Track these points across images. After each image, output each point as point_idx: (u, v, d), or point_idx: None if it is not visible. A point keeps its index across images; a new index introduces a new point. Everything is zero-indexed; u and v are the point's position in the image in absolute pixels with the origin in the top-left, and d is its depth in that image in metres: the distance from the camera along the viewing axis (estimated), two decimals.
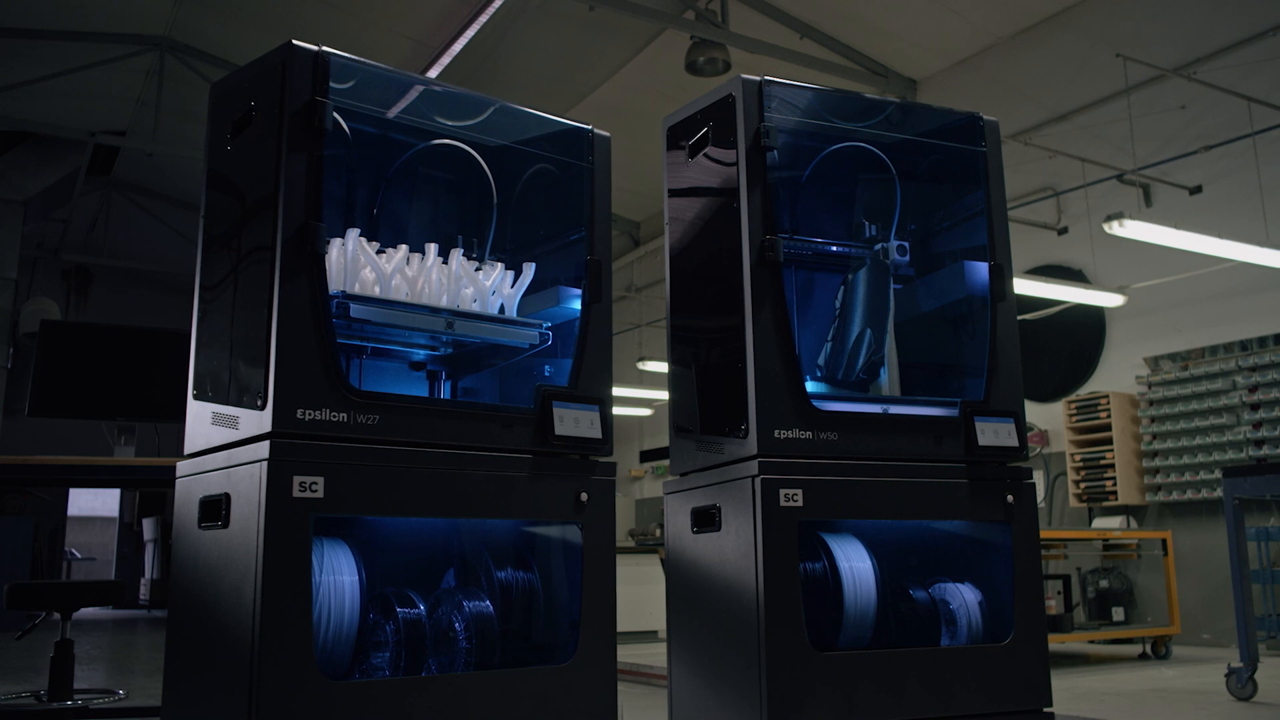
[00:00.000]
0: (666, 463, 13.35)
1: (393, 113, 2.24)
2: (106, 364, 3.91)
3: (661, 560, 9.26)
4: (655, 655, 6.66)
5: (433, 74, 9.32)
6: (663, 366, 10.05)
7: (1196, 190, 7.25)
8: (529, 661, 2.17)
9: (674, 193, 2.63)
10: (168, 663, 2.08)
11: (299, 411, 1.84)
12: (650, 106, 9.82)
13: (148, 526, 16.60)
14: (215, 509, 1.93)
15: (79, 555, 16.42)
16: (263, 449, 1.82)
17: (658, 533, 11.68)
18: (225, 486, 1.92)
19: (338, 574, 1.92)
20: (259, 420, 1.85)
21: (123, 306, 15.18)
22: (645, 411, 12.51)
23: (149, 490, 15.89)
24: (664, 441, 12.43)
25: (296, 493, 1.80)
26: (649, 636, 8.24)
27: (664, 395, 10.97)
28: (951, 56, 9.05)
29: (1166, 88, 7.39)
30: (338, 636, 1.90)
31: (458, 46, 9.03)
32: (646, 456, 12.78)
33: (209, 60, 10.08)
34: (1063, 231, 8.21)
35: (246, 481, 1.84)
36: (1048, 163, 7.89)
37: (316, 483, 1.83)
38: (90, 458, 3.50)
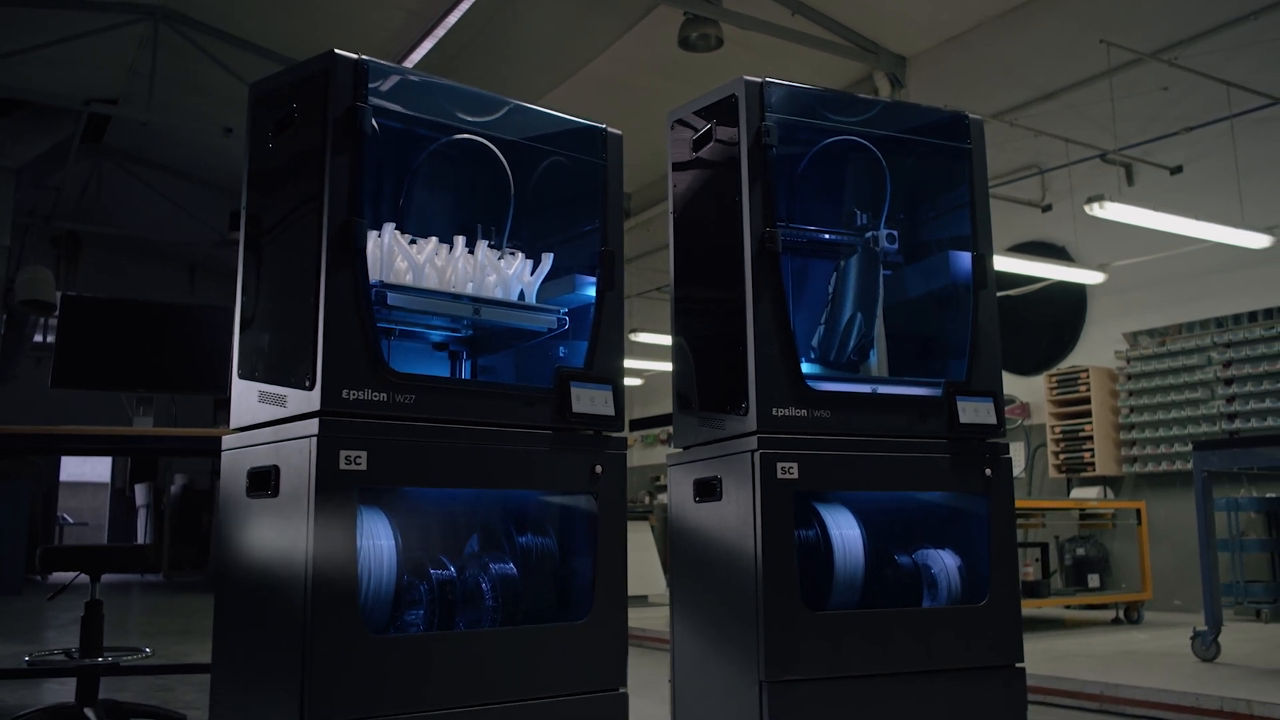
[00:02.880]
0: (657, 431, 13.40)
1: (422, 113, 2.39)
2: (126, 337, 4.05)
3: (651, 527, 9.48)
4: (646, 619, 6.88)
5: (427, 45, 9.39)
6: (654, 338, 10.22)
7: (1177, 170, 7.43)
8: (548, 619, 2.37)
9: (677, 184, 2.79)
10: (217, 618, 2.26)
11: (344, 391, 2.01)
12: (643, 81, 9.92)
13: (140, 492, 16.73)
14: (265, 479, 2.10)
15: (71, 520, 16.57)
16: (311, 425, 1.99)
17: (647, 500, 11.90)
18: (274, 459, 2.09)
19: (377, 539, 2.10)
20: (307, 399, 2.03)
21: (113, 273, 15.23)
22: (636, 381, 12.68)
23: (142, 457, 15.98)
24: (655, 410, 12.68)
25: (343, 465, 1.98)
26: (639, 601, 8.46)
27: (654, 365, 11.21)
28: (941, 34, 9.18)
29: (1149, 70, 7.55)
30: (378, 595, 2.08)
31: (453, 19, 9.10)
32: (637, 425, 12.97)
33: (203, 29, 10.11)
34: (1046, 209, 8.39)
35: (296, 455, 2.02)
36: (1032, 141, 8.06)
37: (360, 456, 2.00)
38: (116, 428, 3.65)
